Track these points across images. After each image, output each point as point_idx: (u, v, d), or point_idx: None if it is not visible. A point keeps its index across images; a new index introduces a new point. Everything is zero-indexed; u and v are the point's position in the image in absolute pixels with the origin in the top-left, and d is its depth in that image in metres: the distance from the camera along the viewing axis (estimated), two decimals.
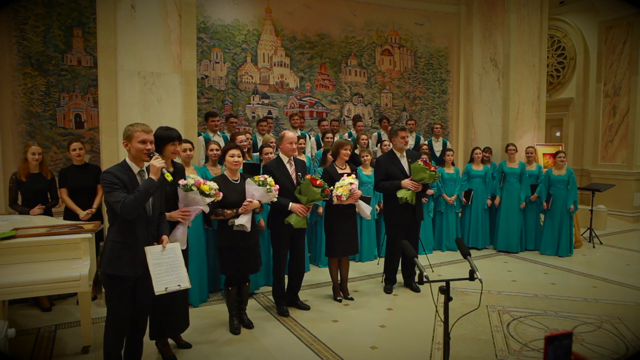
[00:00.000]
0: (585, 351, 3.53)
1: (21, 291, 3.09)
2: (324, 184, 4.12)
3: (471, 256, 2.53)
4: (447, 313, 2.33)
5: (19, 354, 3.46)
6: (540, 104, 7.92)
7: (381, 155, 4.93)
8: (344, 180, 4.29)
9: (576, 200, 6.42)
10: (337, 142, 4.69)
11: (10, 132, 5.80)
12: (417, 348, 3.60)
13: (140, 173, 2.81)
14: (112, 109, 4.45)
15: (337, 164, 4.63)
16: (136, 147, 2.75)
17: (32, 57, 5.91)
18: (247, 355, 3.48)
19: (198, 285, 4.53)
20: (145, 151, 2.76)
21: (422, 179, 4.53)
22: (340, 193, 4.22)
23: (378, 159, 4.99)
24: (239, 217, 3.69)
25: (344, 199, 4.25)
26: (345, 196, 4.23)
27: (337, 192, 4.24)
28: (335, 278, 4.68)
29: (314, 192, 4.03)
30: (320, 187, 4.07)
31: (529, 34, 7.71)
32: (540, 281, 5.34)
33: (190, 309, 4.39)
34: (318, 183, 4.09)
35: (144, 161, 2.80)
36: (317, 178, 4.15)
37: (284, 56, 7.68)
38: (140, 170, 2.81)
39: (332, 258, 4.63)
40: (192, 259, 4.46)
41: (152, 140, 2.81)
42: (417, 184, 4.58)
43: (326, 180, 4.32)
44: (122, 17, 4.48)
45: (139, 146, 2.74)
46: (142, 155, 2.77)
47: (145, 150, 2.76)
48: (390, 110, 8.56)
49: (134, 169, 2.79)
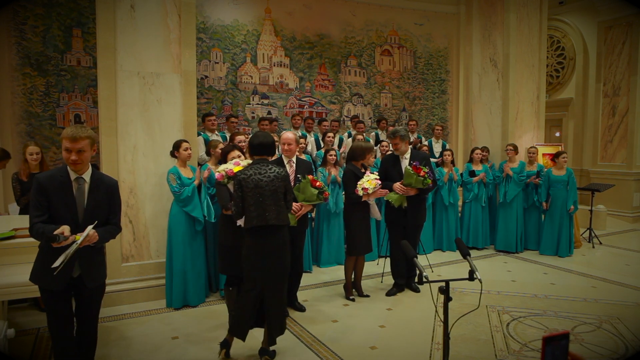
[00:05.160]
0: (584, 351, 3.54)
1: (21, 291, 3.09)
2: (323, 187, 4.13)
3: (471, 256, 2.53)
4: (446, 313, 2.33)
5: (18, 354, 3.46)
6: (539, 104, 7.93)
7: (385, 155, 4.92)
8: (369, 176, 4.40)
9: (576, 201, 6.42)
10: (365, 146, 4.68)
11: (9, 132, 5.80)
12: (417, 348, 3.60)
13: (77, 180, 2.56)
14: (111, 109, 4.45)
15: (356, 164, 4.64)
16: (63, 154, 2.51)
17: (31, 57, 5.91)
18: (247, 355, 3.48)
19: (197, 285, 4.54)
20: (71, 162, 2.48)
21: (410, 184, 4.51)
22: (367, 186, 4.31)
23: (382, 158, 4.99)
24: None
25: (370, 192, 4.32)
26: (371, 189, 4.31)
27: (364, 184, 4.33)
28: (350, 277, 4.73)
29: (310, 193, 4.04)
30: (319, 188, 4.08)
31: (528, 34, 7.72)
32: (539, 281, 5.34)
33: (190, 309, 4.43)
34: (318, 184, 4.10)
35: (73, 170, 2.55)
36: (317, 179, 4.16)
37: (284, 56, 7.68)
38: (78, 177, 2.56)
39: (351, 256, 4.67)
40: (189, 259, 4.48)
41: (80, 148, 2.47)
42: (406, 188, 4.54)
43: (351, 179, 4.44)
44: (122, 17, 4.47)
45: (64, 154, 2.50)
46: (69, 165, 2.52)
47: (70, 161, 2.48)
48: (389, 111, 8.57)
49: (71, 175, 2.54)
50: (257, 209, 3.18)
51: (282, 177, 3.30)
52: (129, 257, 4.61)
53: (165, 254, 4.59)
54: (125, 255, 4.59)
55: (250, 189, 3.20)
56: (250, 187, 3.20)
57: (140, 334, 3.88)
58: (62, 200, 2.53)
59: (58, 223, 2.47)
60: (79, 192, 2.57)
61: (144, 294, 4.61)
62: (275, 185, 3.24)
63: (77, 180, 2.57)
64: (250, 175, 3.22)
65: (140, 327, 4.02)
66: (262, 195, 3.19)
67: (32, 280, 2.64)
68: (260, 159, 3.37)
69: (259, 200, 3.19)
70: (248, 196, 3.20)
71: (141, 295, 4.59)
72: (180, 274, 4.43)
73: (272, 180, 3.24)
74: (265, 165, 3.30)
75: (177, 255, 4.42)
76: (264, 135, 3.43)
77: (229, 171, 3.47)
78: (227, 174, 3.48)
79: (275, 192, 3.24)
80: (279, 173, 3.29)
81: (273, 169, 3.29)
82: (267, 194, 3.20)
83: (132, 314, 4.32)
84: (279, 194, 3.26)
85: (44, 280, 2.58)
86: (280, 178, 3.28)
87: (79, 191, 2.58)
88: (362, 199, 4.43)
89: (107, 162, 4.46)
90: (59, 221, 2.49)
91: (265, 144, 3.35)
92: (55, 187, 2.51)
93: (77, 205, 2.56)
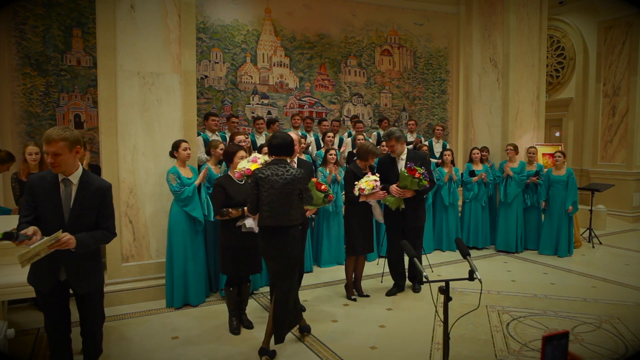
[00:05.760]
0: (584, 351, 3.54)
1: (21, 291, 3.09)
2: (328, 190, 4.10)
3: (471, 256, 2.53)
4: (446, 313, 2.33)
5: (18, 354, 3.46)
6: (539, 104, 7.93)
7: (382, 157, 4.89)
8: (369, 177, 4.38)
9: (576, 201, 6.40)
10: (369, 149, 4.62)
11: (9, 132, 5.81)
12: (417, 348, 3.60)
13: (64, 181, 2.54)
14: (111, 109, 4.45)
15: (360, 164, 4.62)
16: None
17: (31, 57, 5.91)
18: (247, 355, 3.48)
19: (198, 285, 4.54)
20: (49, 164, 2.47)
21: (406, 186, 4.46)
22: (364, 186, 4.29)
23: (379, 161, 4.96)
24: (245, 218, 3.70)
25: (366, 192, 4.30)
26: (368, 190, 4.29)
27: (361, 184, 4.30)
28: (351, 277, 4.73)
29: (316, 197, 4.00)
30: (325, 192, 4.05)
31: (528, 34, 7.71)
32: (539, 281, 5.34)
33: (190, 308, 4.43)
34: (323, 188, 4.06)
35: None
36: (322, 183, 4.12)
37: (284, 56, 7.68)
38: (65, 178, 2.53)
39: (351, 256, 4.66)
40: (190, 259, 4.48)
41: (54, 151, 2.43)
42: (402, 191, 4.49)
43: (350, 179, 4.42)
44: (122, 17, 4.47)
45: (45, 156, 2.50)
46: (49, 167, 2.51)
47: (48, 162, 2.47)
48: (389, 111, 8.57)
49: (59, 175, 2.54)
50: (270, 209, 3.26)
51: (299, 179, 3.35)
52: (129, 257, 4.61)
53: (165, 254, 4.59)
54: (125, 255, 4.59)
55: (266, 189, 3.27)
56: (266, 187, 3.27)
57: (140, 334, 3.88)
58: (49, 202, 2.52)
59: (44, 224, 2.46)
60: (66, 194, 2.55)
61: (144, 294, 4.61)
62: (290, 189, 3.30)
63: (64, 181, 2.55)
64: (268, 175, 3.29)
65: (140, 327, 4.02)
66: (275, 196, 3.26)
67: (28, 280, 2.69)
68: (278, 159, 3.40)
69: (272, 200, 3.26)
70: (263, 195, 3.28)
71: (141, 295, 4.59)
72: (181, 273, 4.44)
73: (287, 183, 3.28)
74: (283, 166, 3.34)
75: (177, 255, 4.42)
76: (283, 136, 3.44)
77: (247, 170, 3.53)
78: (245, 174, 3.54)
79: (289, 194, 3.30)
80: (295, 175, 3.33)
81: (290, 171, 3.33)
82: (280, 196, 3.26)
83: (132, 314, 4.32)
84: (293, 195, 3.32)
85: (34, 281, 2.65)
86: (297, 180, 3.34)
87: (66, 193, 2.55)
88: (360, 200, 4.42)
89: (107, 162, 4.47)
90: (44, 222, 2.48)
91: (283, 144, 3.39)
92: (44, 188, 2.51)
93: (62, 207, 2.54)
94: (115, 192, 4.46)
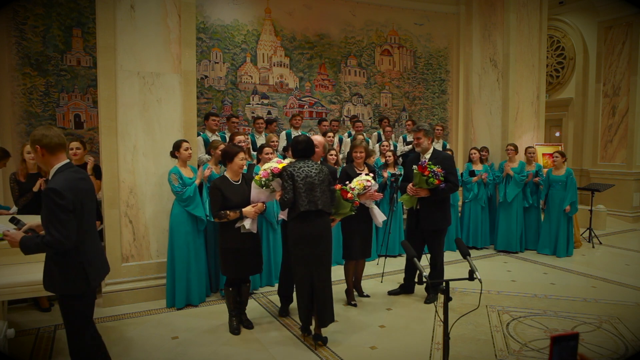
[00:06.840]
0: (584, 351, 3.53)
1: (21, 291, 3.09)
2: (353, 198, 4.02)
3: (471, 256, 2.53)
4: (446, 313, 2.33)
5: (18, 354, 3.46)
6: (539, 104, 7.93)
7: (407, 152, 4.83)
8: (360, 177, 4.23)
9: (575, 202, 6.38)
10: (353, 143, 4.64)
11: (9, 132, 5.81)
12: (417, 348, 3.60)
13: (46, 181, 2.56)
14: (111, 109, 4.45)
15: (354, 164, 4.58)
16: None
17: (31, 57, 5.91)
18: (247, 355, 3.48)
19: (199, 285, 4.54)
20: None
21: (417, 184, 4.35)
22: (353, 185, 4.09)
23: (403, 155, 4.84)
24: (243, 219, 3.69)
25: (356, 192, 4.07)
26: (358, 190, 4.08)
27: (351, 184, 4.11)
28: (351, 282, 4.62)
29: (343, 206, 3.97)
30: (350, 200, 4.00)
31: (528, 34, 7.72)
32: (539, 281, 5.34)
33: (190, 308, 4.43)
34: (349, 197, 3.99)
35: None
36: (348, 190, 4.02)
37: (284, 56, 7.68)
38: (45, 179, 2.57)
39: (350, 260, 4.57)
40: (192, 259, 4.48)
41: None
42: (415, 189, 4.38)
43: (343, 179, 4.35)
44: (122, 17, 4.47)
45: None
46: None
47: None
48: (389, 111, 8.57)
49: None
50: (308, 196, 3.54)
51: (327, 172, 3.71)
52: (129, 257, 4.62)
53: (165, 254, 4.59)
54: (125, 255, 4.59)
55: (302, 178, 3.56)
56: (302, 177, 3.56)
57: (141, 334, 3.88)
58: None
59: None
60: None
61: (144, 294, 4.61)
62: (323, 176, 3.64)
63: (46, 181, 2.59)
64: (300, 167, 3.61)
65: (141, 327, 4.02)
66: (312, 184, 3.56)
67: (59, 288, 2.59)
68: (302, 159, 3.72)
69: (309, 189, 3.55)
70: (299, 185, 3.54)
71: (141, 295, 4.59)
72: (183, 273, 4.43)
73: (319, 172, 3.64)
74: (310, 161, 3.70)
75: (179, 254, 4.42)
76: (305, 141, 3.75)
77: (275, 169, 3.66)
78: (272, 172, 3.67)
79: (323, 181, 3.64)
80: (323, 168, 3.70)
81: (317, 165, 3.69)
82: (316, 182, 3.58)
83: (133, 314, 4.32)
84: (326, 183, 3.66)
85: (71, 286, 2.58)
86: (326, 172, 3.70)
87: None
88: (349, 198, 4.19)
89: (107, 162, 4.47)
90: None
91: (307, 148, 3.72)
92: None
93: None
94: (115, 192, 4.51)
